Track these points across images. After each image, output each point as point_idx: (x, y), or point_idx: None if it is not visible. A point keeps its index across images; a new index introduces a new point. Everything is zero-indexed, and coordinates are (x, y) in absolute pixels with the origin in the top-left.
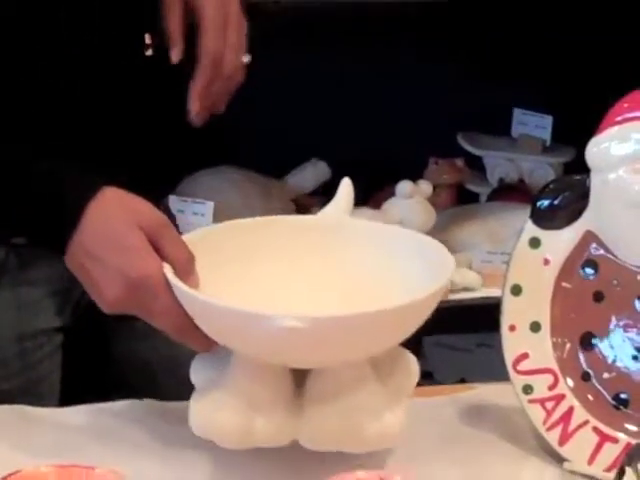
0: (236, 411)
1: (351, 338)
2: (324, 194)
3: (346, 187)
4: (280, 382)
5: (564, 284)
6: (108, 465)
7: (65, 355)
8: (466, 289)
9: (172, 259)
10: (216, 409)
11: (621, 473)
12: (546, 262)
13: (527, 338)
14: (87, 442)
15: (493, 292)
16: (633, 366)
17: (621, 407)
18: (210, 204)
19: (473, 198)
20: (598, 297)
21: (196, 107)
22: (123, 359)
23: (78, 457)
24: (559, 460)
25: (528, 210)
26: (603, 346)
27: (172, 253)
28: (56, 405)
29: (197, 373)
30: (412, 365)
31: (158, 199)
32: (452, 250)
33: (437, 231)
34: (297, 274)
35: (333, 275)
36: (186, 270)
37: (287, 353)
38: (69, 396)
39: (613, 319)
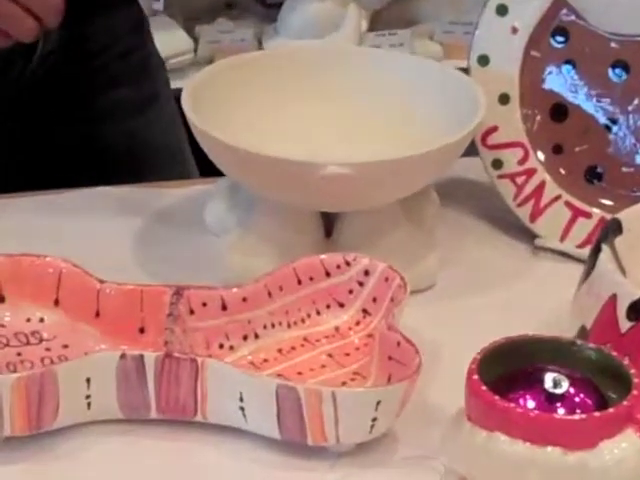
0: (271, 258)
1: (395, 181)
2: None
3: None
4: (312, 227)
5: (533, 53)
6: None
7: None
8: None
9: None
10: (250, 256)
11: (597, 250)
12: (514, 30)
13: (495, 111)
14: (36, 233)
15: (455, 64)
16: (606, 138)
17: (595, 181)
18: None
19: None
20: (569, 65)
21: None
22: (65, 142)
23: (26, 249)
24: (531, 237)
25: None
26: (575, 117)
27: None
28: None
29: (213, 215)
30: (432, 193)
31: None
32: (413, 21)
33: (396, 2)
34: (306, 111)
35: (347, 111)
36: None
37: (325, 200)
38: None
39: (585, 89)
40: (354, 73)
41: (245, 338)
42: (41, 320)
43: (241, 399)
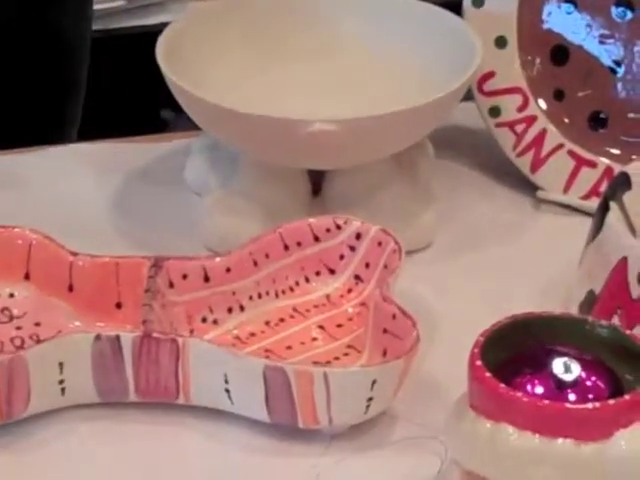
0: (255, 219)
1: (384, 137)
2: None
3: None
4: (298, 185)
5: None
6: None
7: None
8: None
9: None
10: (233, 217)
11: (604, 208)
12: None
13: (492, 55)
14: None
15: None
16: (611, 81)
17: (599, 128)
18: None
19: None
20: (570, 4)
21: None
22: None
23: None
24: (532, 189)
25: None
26: (577, 59)
27: None
28: None
29: (194, 173)
30: (427, 145)
31: None
32: None
33: None
34: (292, 64)
35: (336, 61)
36: None
37: (313, 157)
38: None
39: (587, 29)
40: (342, 20)
41: (230, 311)
42: (11, 296)
43: (226, 381)
